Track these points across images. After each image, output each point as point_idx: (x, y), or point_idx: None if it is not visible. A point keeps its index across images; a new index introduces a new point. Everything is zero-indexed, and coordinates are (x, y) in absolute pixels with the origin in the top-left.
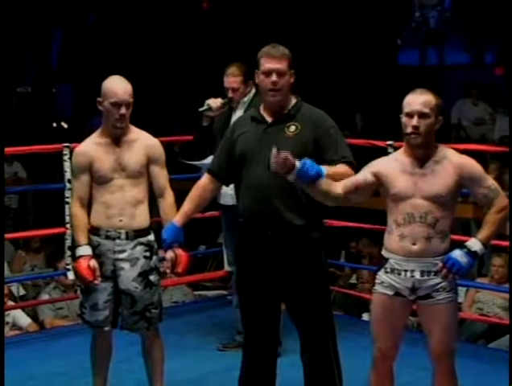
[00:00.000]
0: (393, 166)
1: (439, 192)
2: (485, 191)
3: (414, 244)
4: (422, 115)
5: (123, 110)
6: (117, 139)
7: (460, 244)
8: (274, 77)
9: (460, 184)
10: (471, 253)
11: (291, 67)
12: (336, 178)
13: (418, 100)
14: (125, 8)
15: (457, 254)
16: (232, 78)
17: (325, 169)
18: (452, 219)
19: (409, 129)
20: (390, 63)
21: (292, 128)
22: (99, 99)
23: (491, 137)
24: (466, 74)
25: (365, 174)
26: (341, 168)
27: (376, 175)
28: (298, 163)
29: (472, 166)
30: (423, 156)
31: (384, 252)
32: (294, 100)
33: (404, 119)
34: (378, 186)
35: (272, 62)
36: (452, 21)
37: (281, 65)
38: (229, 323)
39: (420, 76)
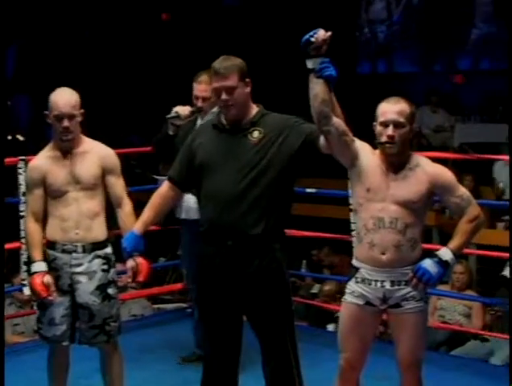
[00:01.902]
0: (373, 158)
1: (410, 198)
2: (457, 201)
3: (383, 253)
4: (397, 124)
5: (66, 123)
6: (68, 152)
7: (423, 252)
8: (224, 96)
9: (432, 192)
10: (442, 263)
11: (245, 77)
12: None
13: (393, 109)
14: (83, 18)
15: (428, 263)
16: (203, 86)
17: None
18: (423, 227)
19: (384, 139)
20: (349, 73)
21: (255, 133)
22: (46, 112)
23: (451, 145)
24: (417, 83)
25: (354, 139)
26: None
27: (359, 150)
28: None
29: (446, 174)
30: (397, 164)
31: (354, 262)
32: (255, 109)
33: (379, 128)
34: (350, 158)
35: (219, 80)
36: (402, 34)
37: (229, 82)
38: (189, 336)
39: (374, 85)
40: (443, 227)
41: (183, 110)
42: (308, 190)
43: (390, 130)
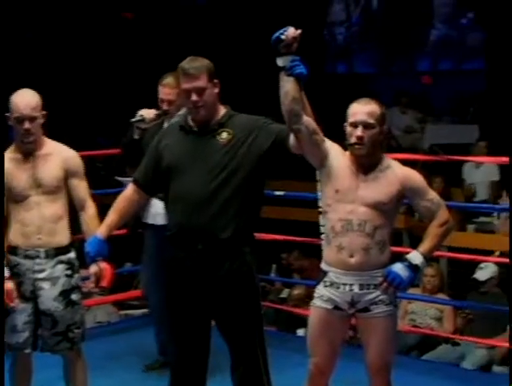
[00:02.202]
0: (343, 158)
1: (380, 199)
2: (427, 204)
3: (351, 256)
4: (367, 125)
5: (27, 125)
6: (30, 154)
7: (392, 255)
8: (194, 97)
9: (402, 195)
10: (412, 267)
11: (213, 78)
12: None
13: (363, 110)
14: (49, 16)
15: (398, 267)
16: (168, 89)
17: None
18: (391, 230)
19: (353, 140)
20: (318, 72)
21: (224, 135)
22: (7, 114)
23: (421, 146)
24: (381, 84)
25: (325, 139)
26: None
27: (329, 150)
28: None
29: (416, 178)
30: (367, 165)
31: (323, 265)
32: (223, 110)
33: (348, 129)
34: (320, 158)
35: (189, 81)
36: (361, 36)
37: (199, 82)
38: (155, 343)
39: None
40: (413, 229)
41: (148, 113)
42: (277, 192)
43: (359, 131)
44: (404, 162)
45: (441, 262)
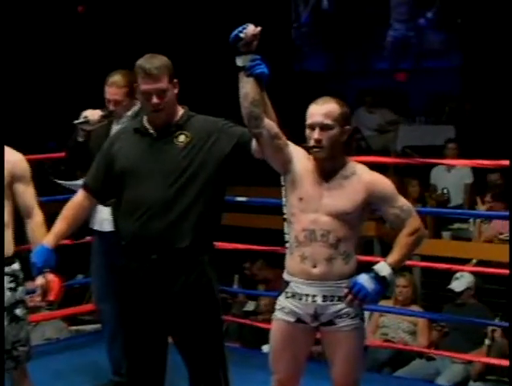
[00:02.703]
0: (307, 163)
1: (344, 209)
2: (396, 212)
3: (314, 266)
4: (324, 127)
5: None
6: None
7: (363, 264)
8: (154, 99)
9: (368, 202)
10: (379, 278)
11: (173, 77)
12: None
13: (320, 111)
14: None
15: (364, 279)
16: (115, 89)
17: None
18: (357, 239)
19: (311, 143)
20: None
21: (181, 137)
22: None
23: (393, 148)
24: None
25: (288, 143)
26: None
27: (292, 155)
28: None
29: (385, 184)
30: (329, 170)
31: (285, 275)
32: (181, 111)
33: (307, 131)
34: (283, 164)
35: (149, 82)
36: (310, 36)
37: (160, 84)
38: (108, 361)
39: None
40: (385, 237)
41: (92, 115)
42: (239, 198)
43: (316, 133)
44: (374, 166)
45: (414, 272)
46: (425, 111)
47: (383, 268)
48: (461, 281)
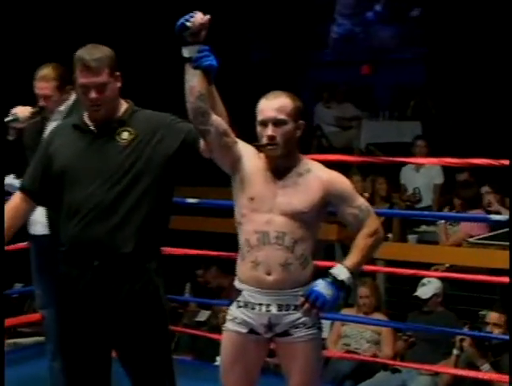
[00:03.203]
0: (258, 162)
1: (300, 208)
2: (354, 212)
3: (269, 273)
4: (277, 122)
5: None
6: None
7: (324, 271)
8: (92, 94)
9: (326, 202)
10: (337, 283)
11: (115, 70)
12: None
13: (271, 106)
14: None
15: (321, 285)
16: (43, 83)
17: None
18: (314, 242)
19: (264, 140)
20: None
21: (125, 134)
22: None
23: (357, 146)
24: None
25: (237, 140)
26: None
27: (242, 153)
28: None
29: (342, 182)
30: (283, 167)
31: (237, 283)
32: (125, 106)
33: (259, 128)
34: (232, 163)
35: (88, 75)
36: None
37: (99, 78)
38: (48, 377)
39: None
40: (347, 241)
41: (22, 112)
42: (189, 200)
43: (269, 130)
44: (336, 164)
45: (378, 278)
46: (389, 105)
47: (341, 271)
48: (428, 288)
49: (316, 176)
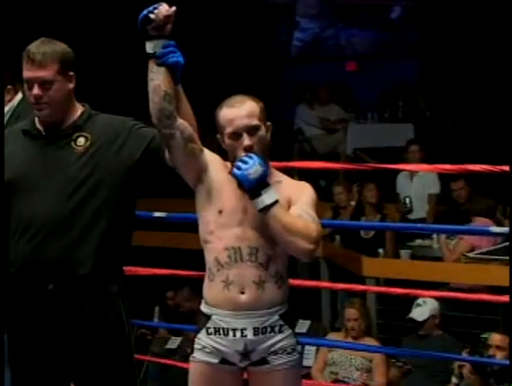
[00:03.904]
0: (225, 171)
1: None
2: (299, 212)
3: (242, 292)
4: (251, 129)
5: None
6: None
7: (310, 290)
8: (35, 90)
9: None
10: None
11: (68, 68)
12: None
13: (240, 113)
14: None
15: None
16: None
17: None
18: (287, 259)
19: (241, 153)
20: None
21: (81, 140)
22: None
23: (343, 151)
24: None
25: (204, 148)
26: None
27: (208, 162)
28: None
29: (307, 189)
30: None
31: (204, 307)
32: (80, 109)
33: (229, 142)
34: (197, 172)
35: (31, 69)
36: None
37: (44, 72)
38: None
39: None
40: (333, 258)
41: None
42: (157, 214)
43: (246, 140)
44: (321, 173)
45: (368, 298)
46: (377, 106)
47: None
48: (424, 309)
49: (286, 187)
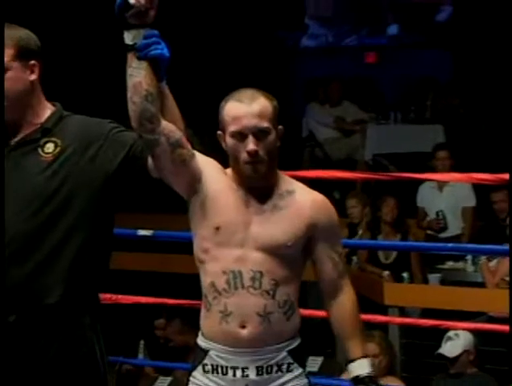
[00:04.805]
0: (224, 179)
1: (283, 241)
2: (335, 258)
3: (243, 326)
4: (259, 133)
5: None
6: None
7: (321, 322)
8: None
9: (309, 235)
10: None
11: (28, 57)
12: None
13: (251, 112)
14: None
15: None
16: None
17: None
18: (299, 285)
19: (244, 157)
20: None
21: (49, 147)
22: None
23: (361, 157)
24: None
25: (195, 153)
26: None
27: (202, 169)
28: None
29: (332, 214)
30: (262, 188)
31: (201, 341)
32: (50, 110)
33: (231, 141)
34: (189, 182)
35: None
36: None
37: None
38: None
39: None
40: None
41: None
42: (142, 232)
43: (251, 143)
44: (336, 183)
45: (391, 331)
46: (401, 104)
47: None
48: (456, 343)
49: (302, 199)
